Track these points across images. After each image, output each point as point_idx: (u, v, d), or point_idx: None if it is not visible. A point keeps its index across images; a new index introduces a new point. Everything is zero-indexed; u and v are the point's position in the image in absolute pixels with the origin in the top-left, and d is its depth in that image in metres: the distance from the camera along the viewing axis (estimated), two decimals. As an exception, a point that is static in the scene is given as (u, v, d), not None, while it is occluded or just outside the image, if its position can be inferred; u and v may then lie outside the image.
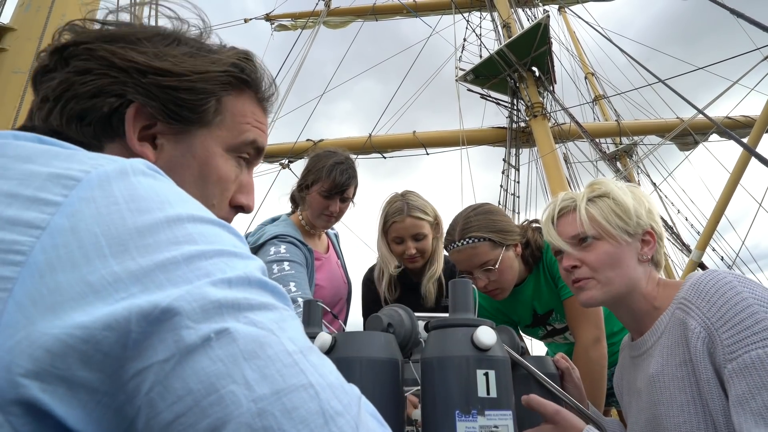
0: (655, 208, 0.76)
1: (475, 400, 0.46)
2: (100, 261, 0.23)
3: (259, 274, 0.26)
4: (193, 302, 0.23)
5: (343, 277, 1.37)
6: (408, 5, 7.34)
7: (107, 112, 0.36)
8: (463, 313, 0.52)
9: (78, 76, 0.35)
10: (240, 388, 0.21)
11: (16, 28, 1.53)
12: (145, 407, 0.22)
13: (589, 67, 9.86)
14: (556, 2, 7.88)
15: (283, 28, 8.01)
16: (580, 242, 0.73)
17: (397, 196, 1.29)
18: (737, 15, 2.24)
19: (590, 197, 0.75)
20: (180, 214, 0.26)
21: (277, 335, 0.24)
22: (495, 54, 5.63)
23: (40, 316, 0.21)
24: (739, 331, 0.56)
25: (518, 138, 5.88)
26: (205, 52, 0.40)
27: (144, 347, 0.22)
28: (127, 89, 0.36)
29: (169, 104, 0.37)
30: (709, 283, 0.61)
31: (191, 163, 0.39)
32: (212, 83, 0.39)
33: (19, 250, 0.22)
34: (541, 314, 1.18)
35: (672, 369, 0.63)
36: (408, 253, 1.25)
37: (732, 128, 4.64)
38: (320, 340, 0.51)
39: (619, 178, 4.68)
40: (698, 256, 3.17)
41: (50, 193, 0.24)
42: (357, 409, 0.24)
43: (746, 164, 2.83)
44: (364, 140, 5.64)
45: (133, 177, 0.26)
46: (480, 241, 1.02)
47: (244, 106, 0.42)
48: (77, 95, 0.35)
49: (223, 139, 0.40)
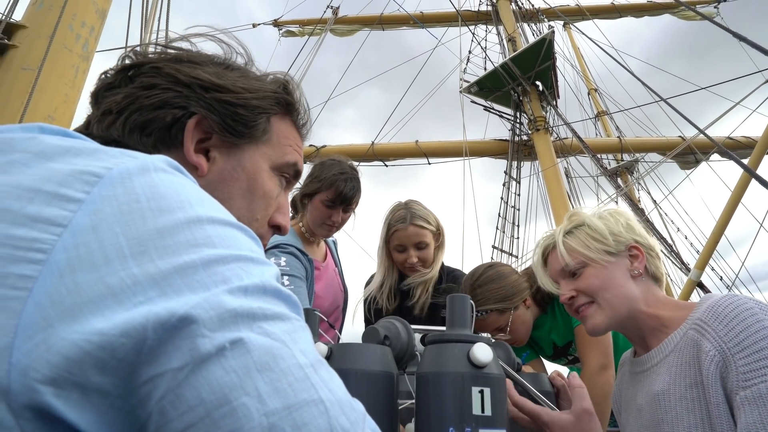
0: (634, 222, 0.77)
1: (470, 418, 0.45)
2: (120, 262, 0.23)
3: (274, 282, 0.26)
4: (210, 311, 0.23)
5: (340, 285, 1.37)
6: (415, 16, 7.45)
7: (169, 122, 0.38)
8: (460, 328, 0.52)
9: (144, 91, 0.38)
10: (252, 401, 0.21)
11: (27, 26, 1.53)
12: (156, 414, 0.21)
13: (593, 83, 9.96)
14: (561, 18, 8.00)
15: (290, 34, 8.12)
16: (569, 275, 0.75)
17: (401, 205, 1.30)
18: (740, 38, 2.27)
19: (567, 230, 0.78)
20: (200, 215, 0.26)
21: (289, 347, 0.24)
22: (499, 67, 5.70)
23: (59, 319, 0.21)
24: (757, 360, 0.55)
25: (520, 151, 5.92)
26: (252, 76, 0.44)
27: (158, 353, 0.22)
28: (190, 102, 0.39)
29: (227, 118, 0.40)
30: (729, 306, 0.60)
31: (241, 176, 0.40)
32: (264, 101, 0.42)
33: (40, 248, 0.22)
34: (561, 346, 1.18)
35: (681, 389, 0.62)
36: (410, 261, 1.25)
37: (733, 149, 4.67)
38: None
39: (620, 194, 4.68)
40: (697, 276, 3.16)
41: (72, 189, 0.24)
42: (362, 426, 0.24)
43: (747, 185, 2.84)
44: (366, 148, 5.68)
45: (154, 174, 0.26)
46: (487, 313, 1.02)
47: (287, 129, 0.45)
48: (142, 107, 0.37)
49: (269, 157, 0.43)
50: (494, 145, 6.01)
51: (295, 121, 0.46)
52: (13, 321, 0.21)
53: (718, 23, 2.56)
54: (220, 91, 0.39)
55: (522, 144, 5.91)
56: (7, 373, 0.20)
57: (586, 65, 10.15)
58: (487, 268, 1.09)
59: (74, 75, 1.55)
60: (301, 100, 0.46)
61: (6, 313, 0.21)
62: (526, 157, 5.96)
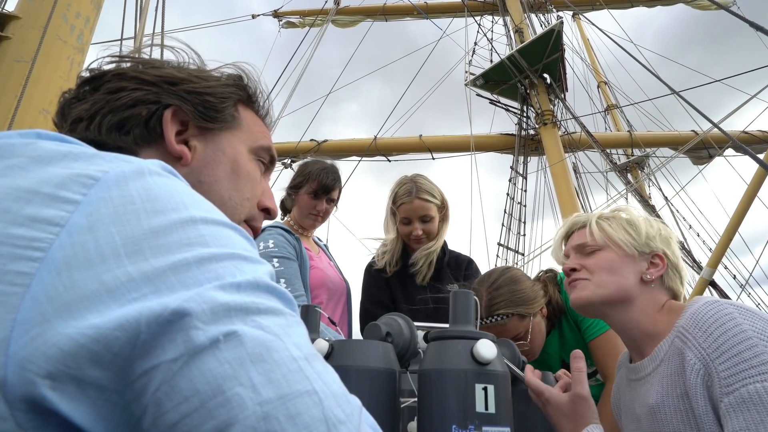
0: (674, 239, 0.76)
1: (473, 415, 0.45)
2: (115, 261, 0.23)
3: (267, 278, 0.27)
4: (203, 304, 0.23)
5: (339, 276, 1.41)
6: (419, 6, 7.31)
7: (146, 117, 0.39)
8: (463, 324, 0.51)
9: (112, 95, 0.39)
10: (246, 391, 0.22)
11: (21, 17, 1.48)
12: (151, 406, 0.22)
13: (602, 76, 9.75)
14: (570, 8, 7.81)
15: (291, 25, 8.01)
16: (584, 250, 0.76)
17: (407, 179, 1.34)
18: (756, 28, 2.20)
19: (605, 216, 0.77)
20: (194, 216, 0.26)
21: (283, 340, 0.24)
22: (506, 59, 5.59)
23: (55, 314, 0.22)
24: (737, 364, 0.54)
25: (527, 146, 5.82)
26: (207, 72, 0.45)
27: (153, 347, 0.22)
28: (161, 97, 0.40)
29: (198, 106, 0.41)
30: (708, 313, 0.60)
31: (223, 160, 0.42)
32: (227, 89, 0.44)
33: (38, 246, 0.23)
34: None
35: (673, 401, 0.62)
36: (415, 233, 1.29)
37: (749, 143, 4.55)
38: (317, 347, 0.50)
39: (630, 190, 4.60)
40: (709, 274, 3.09)
41: (70, 191, 0.25)
42: (358, 419, 0.24)
43: (762, 181, 2.76)
44: (368, 142, 5.61)
45: (149, 177, 0.27)
46: (507, 317, 0.99)
47: (253, 117, 0.47)
48: (114, 108, 0.39)
49: (244, 141, 0.44)
50: (500, 139, 5.92)
51: (257, 111, 0.48)
52: (11, 315, 0.21)
53: (734, 12, 2.47)
54: (186, 83, 0.41)
55: (529, 138, 5.81)
56: (4, 365, 0.21)
57: (595, 57, 9.96)
58: (504, 270, 1.06)
59: (69, 67, 1.49)
60: (258, 91, 0.47)
61: (4, 307, 0.22)
62: (533, 152, 5.86)
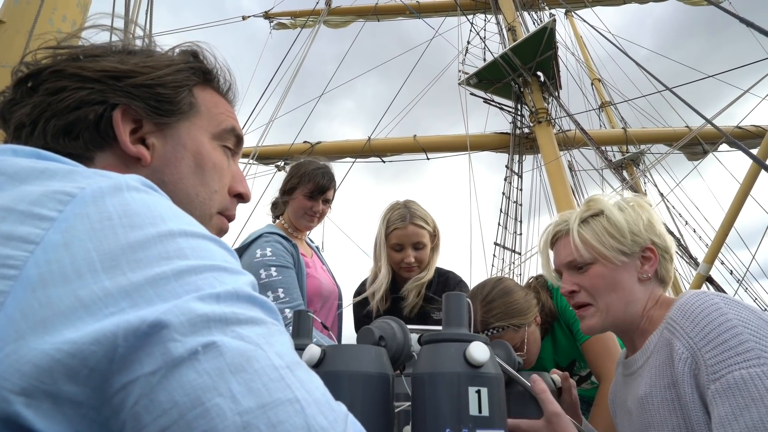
0: (656, 219, 0.73)
1: (467, 419, 0.45)
2: (91, 276, 0.23)
3: (248, 288, 0.26)
4: (181, 315, 0.23)
5: (332, 280, 1.40)
6: (411, 6, 7.28)
7: (93, 120, 0.36)
8: (456, 327, 0.50)
9: (53, 96, 0.36)
10: (226, 401, 0.21)
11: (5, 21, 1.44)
12: (130, 421, 0.21)
13: (596, 73, 9.79)
14: (563, 6, 7.84)
15: (282, 26, 7.89)
16: (575, 267, 0.74)
17: (399, 204, 1.32)
18: (747, 24, 2.21)
19: (583, 218, 0.74)
20: (172, 229, 0.26)
21: (264, 350, 0.24)
22: (499, 58, 5.59)
23: (30, 331, 0.21)
24: (722, 351, 0.55)
25: (522, 144, 5.83)
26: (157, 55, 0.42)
27: (130, 360, 0.22)
28: (107, 95, 0.37)
29: (150, 101, 0.38)
30: (695, 304, 0.61)
31: (184, 155, 0.40)
32: (179, 75, 0.40)
33: (13, 264, 0.23)
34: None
35: (661, 391, 0.63)
36: (407, 261, 1.27)
37: (742, 138, 4.57)
38: (309, 353, 0.50)
39: (625, 187, 4.61)
40: (706, 270, 3.10)
41: (45, 208, 0.24)
42: (343, 426, 0.24)
43: (756, 176, 2.78)
44: (362, 143, 5.58)
45: (127, 193, 0.26)
46: (503, 330, 0.99)
47: (213, 98, 0.43)
48: (57, 112, 0.36)
49: (205, 128, 0.42)
50: (495, 138, 5.92)
51: (217, 89, 0.44)
52: None
53: (725, 9, 2.48)
54: (131, 76, 0.38)
55: (524, 137, 5.82)
56: None
57: (589, 54, 9.99)
58: (497, 282, 1.06)
59: (55, 72, 1.49)
60: (217, 66, 0.44)
61: None
62: (528, 150, 5.87)
